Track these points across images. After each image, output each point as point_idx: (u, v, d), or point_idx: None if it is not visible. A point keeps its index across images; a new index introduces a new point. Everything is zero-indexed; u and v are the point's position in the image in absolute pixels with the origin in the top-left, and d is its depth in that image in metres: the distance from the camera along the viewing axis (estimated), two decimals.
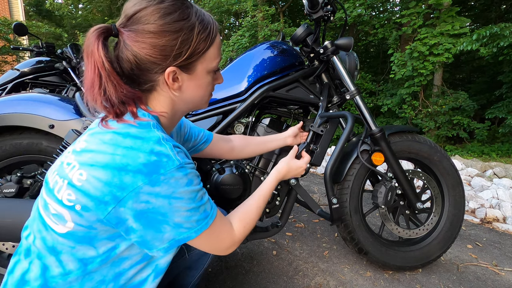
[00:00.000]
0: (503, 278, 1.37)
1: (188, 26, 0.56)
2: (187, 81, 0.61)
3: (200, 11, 0.60)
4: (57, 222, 0.53)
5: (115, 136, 0.53)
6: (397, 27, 6.34)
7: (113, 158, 0.51)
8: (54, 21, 17.76)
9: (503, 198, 2.28)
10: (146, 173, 0.50)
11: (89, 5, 15.80)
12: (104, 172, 0.50)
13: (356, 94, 1.25)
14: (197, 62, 0.60)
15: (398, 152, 1.30)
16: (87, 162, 0.52)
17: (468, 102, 5.52)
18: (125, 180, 0.50)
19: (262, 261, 1.44)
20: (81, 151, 0.54)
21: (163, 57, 0.56)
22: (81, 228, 0.52)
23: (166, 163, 0.52)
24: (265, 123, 1.28)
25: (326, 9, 1.19)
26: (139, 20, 0.54)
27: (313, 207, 1.21)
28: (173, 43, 0.55)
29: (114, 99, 0.54)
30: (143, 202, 0.51)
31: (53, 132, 1.10)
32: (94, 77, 0.53)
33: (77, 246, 0.53)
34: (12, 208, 0.90)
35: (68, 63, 2.47)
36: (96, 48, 0.52)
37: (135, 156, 0.51)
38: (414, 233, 1.35)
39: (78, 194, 0.51)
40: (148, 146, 0.52)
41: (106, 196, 0.50)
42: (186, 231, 0.56)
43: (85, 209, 0.51)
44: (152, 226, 0.53)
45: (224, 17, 10.14)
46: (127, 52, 0.55)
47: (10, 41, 7.72)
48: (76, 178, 0.51)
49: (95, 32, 0.53)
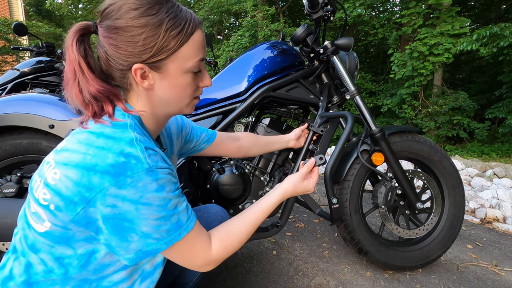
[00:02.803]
0: (503, 278, 1.37)
1: (155, 22, 0.54)
2: (159, 80, 0.58)
3: (176, 8, 0.57)
4: (37, 221, 0.53)
5: (90, 136, 0.53)
6: (397, 27, 6.35)
7: (85, 157, 0.50)
8: (54, 21, 17.77)
9: (503, 198, 2.28)
10: (113, 174, 0.49)
11: (89, 5, 15.80)
12: (75, 171, 0.49)
13: (356, 94, 1.25)
14: (167, 60, 0.57)
15: (398, 152, 1.30)
16: (61, 161, 0.51)
17: (468, 102, 5.53)
18: (93, 180, 0.48)
19: (262, 261, 1.44)
20: (60, 150, 0.54)
21: (128, 53, 0.54)
22: (57, 228, 0.52)
23: (134, 165, 0.50)
24: (265, 123, 1.28)
25: (326, 9, 1.19)
26: (108, 14, 0.54)
27: (313, 207, 1.21)
28: (137, 38, 0.53)
29: (87, 94, 0.54)
30: (109, 206, 0.49)
31: (53, 132, 1.09)
32: (68, 71, 0.54)
33: (55, 245, 0.53)
34: (12, 208, 0.90)
35: None
36: (70, 44, 0.53)
37: (104, 156, 0.49)
38: (414, 233, 1.35)
39: (52, 193, 0.51)
40: (118, 146, 0.51)
41: (75, 196, 0.49)
42: (155, 242, 0.53)
43: (58, 209, 0.50)
44: (118, 233, 0.51)
45: (224, 17, 10.14)
46: (100, 48, 0.56)
47: (10, 41, 7.72)
48: (50, 177, 0.51)
49: (73, 28, 0.54)
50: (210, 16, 9.96)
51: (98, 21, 0.56)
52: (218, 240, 0.64)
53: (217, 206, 0.94)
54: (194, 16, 0.59)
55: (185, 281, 0.90)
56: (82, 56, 0.53)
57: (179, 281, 0.90)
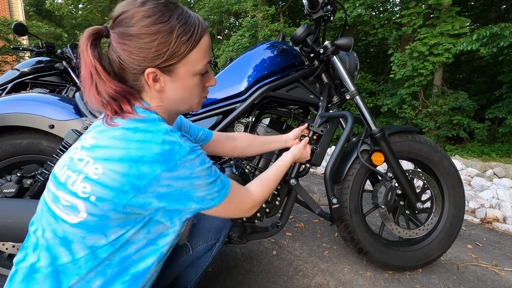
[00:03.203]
0: (503, 278, 1.37)
1: (167, 29, 0.57)
2: (169, 82, 0.63)
3: (185, 14, 0.60)
4: (69, 213, 0.56)
5: (125, 132, 0.57)
6: (397, 27, 6.35)
7: (128, 151, 0.54)
8: (54, 21, 17.77)
9: (503, 198, 2.28)
10: (162, 161, 0.55)
11: (89, 5, 15.80)
12: (121, 165, 0.54)
13: (356, 94, 1.25)
14: (178, 64, 0.61)
15: (398, 152, 1.30)
16: (101, 157, 0.55)
17: (468, 102, 5.52)
18: (142, 170, 0.54)
19: (262, 261, 1.44)
20: (92, 147, 0.57)
21: (142, 58, 0.58)
22: (93, 218, 0.56)
23: (178, 150, 0.56)
24: (265, 123, 1.28)
25: (326, 9, 1.19)
26: (121, 22, 0.57)
27: (313, 207, 1.21)
28: (150, 45, 0.57)
29: (105, 95, 0.57)
30: (165, 186, 0.56)
31: (53, 132, 1.10)
32: (85, 74, 0.57)
33: (88, 235, 0.56)
34: (12, 208, 0.90)
35: (68, 63, 2.47)
36: (85, 48, 0.56)
37: (149, 148, 0.55)
38: (414, 233, 1.35)
39: (95, 186, 0.54)
40: (159, 137, 0.56)
41: (125, 186, 0.54)
42: (210, 201, 0.62)
43: (100, 199, 0.54)
44: (178, 202, 0.58)
45: (224, 17, 10.14)
46: (113, 52, 0.59)
47: (10, 41, 7.72)
48: (92, 172, 0.55)
49: (86, 33, 0.57)
50: (210, 16, 9.96)
51: (110, 26, 0.59)
52: (256, 185, 0.77)
53: None
54: (201, 21, 0.63)
55: (185, 280, 0.91)
56: (97, 60, 0.57)
57: (178, 281, 0.91)
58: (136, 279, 0.62)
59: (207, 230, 0.90)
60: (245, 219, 1.21)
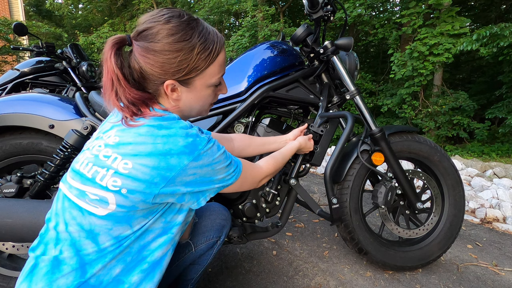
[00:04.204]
0: (503, 278, 1.37)
1: (189, 47, 0.62)
2: (185, 93, 0.68)
3: (205, 31, 0.65)
4: (98, 206, 0.60)
5: (150, 129, 0.61)
6: (397, 27, 6.35)
7: (156, 146, 0.59)
8: (54, 21, 17.77)
9: (503, 198, 2.28)
10: (188, 153, 0.61)
11: (89, 5, 15.79)
12: (150, 159, 0.58)
13: (356, 94, 1.25)
14: (195, 78, 0.67)
15: (398, 152, 1.30)
16: (129, 153, 0.59)
17: (468, 102, 5.52)
18: (171, 162, 0.59)
19: (262, 261, 1.44)
20: (118, 144, 0.61)
21: (163, 72, 0.63)
22: (122, 210, 0.60)
23: (200, 141, 0.63)
24: (265, 123, 1.28)
25: (326, 9, 1.19)
26: (146, 37, 0.62)
27: (313, 207, 1.21)
28: (173, 61, 0.62)
29: (125, 101, 0.62)
30: (191, 174, 0.62)
31: (53, 132, 1.09)
32: (107, 80, 0.61)
33: (114, 227, 0.60)
34: (12, 208, 0.90)
35: (68, 63, 2.47)
36: (109, 56, 0.60)
37: (175, 142, 0.60)
38: (414, 233, 1.35)
39: (126, 180, 0.58)
40: (182, 131, 0.62)
41: (155, 178, 0.59)
42: (228, 179, 0.70)
43: (132, 192, 0.59)
44: (202, 185, 0.66)
45: (224, 17, 10.14)
46: (135, 62, 0.63)
47: (10, 41, 7.71)
48: (122, 167, 0.59)
49: (111, 42, 0.61)
50: (210, 16, 9.96)
51: (133, 37, 0.63)
52: (264, 161, 0.88)
53: (218, 204, 1.00)
54: (219, 37, 0.68)
55: (187, 278, 0.94)
56: (119, 68, 0.61)
57: (180, 279, 0.93)
58: (154, 267, 0.66)
59: (208, 228, 0.93)
60: (245, 219, 1.21)
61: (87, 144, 0.71)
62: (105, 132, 0.66)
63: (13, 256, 1.19)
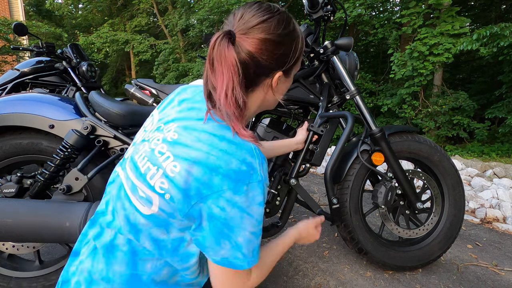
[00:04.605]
0: (503, 278, 1.37)
1: (298, 36, 0.63)
2: (281, 83, 0.67)
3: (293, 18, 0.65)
4: (144, 204, 0.57)
5: (211, 137, 0.56)
6: (397, 27, 6.34)
7: (208, 157, 0.54)
8: (54, 21, 17.77)
9: (503, 198, 2.28)
10: (233, 179, 0.53)
11: (89, 5, 15.80)
12: (197, 168, 0.53)
13: (356, 94, 1.25)
14: (294, 66, 0.66)
15: (398, 152, 1.30)
16: (181, 155, 0.55)
17: (468, 102, 5.52)
18: (213, 180, 0.53)
19: None
20: (174, 142, 0.57)
21: (279, 62, 0.61)
22: (163, 214, 0.56)
23: (251, 175, 0.54)
24: (265, 123, 1.28)
25: (326, 9, 1.19)
26: (260, 29, 0.58)
27: (313, 207, 1.21)
28: (288, 51, 0.61)
29: (241, 103, 0.56)
30: (220, 207, 0.53)
31: (53, 132, 1.09)
32: (229, 81, 0.55)
33: (154, 228, 0.57)
34: (12, 208, 0.90)
35: (68, 63, 2.47)
36: (228, 53, 0.55)
37: (228, 161, 0.54)
38: (414, 233, 1.35)
39: (170, 184, 0.54)
40: (241, 154, 0.55)
41: (191, 190, 0.53)
42: (242, 258, 0.56)
43: (172, 199, 0.54)
44: (216, 236, 0.55)
45: (224, 17, 10.12)
46: (246, 56, 0.58)
47: (10, 41, 7.71)
48: (170, 169, 0.55)
49: (225, 38, 0.56)
50: (210, 16, 9.96)
51: (242, 31, 0.58)
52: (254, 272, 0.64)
53: None
54: None
55: None
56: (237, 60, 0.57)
57: None
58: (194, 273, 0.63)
59: None
60: None
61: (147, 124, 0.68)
62: (166, 122, 0.62)
63: (13, 256, 1.19)
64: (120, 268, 0.58)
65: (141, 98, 2.01)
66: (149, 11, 15.01)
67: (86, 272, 0.59)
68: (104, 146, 1.14)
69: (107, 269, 0.58)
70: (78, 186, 1.05)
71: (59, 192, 1.03)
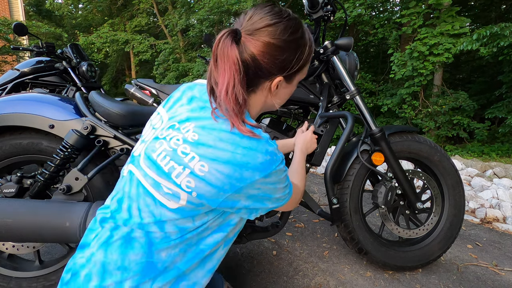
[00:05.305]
0: (503, 278, 1.37)
1: (304, 44, 0.65)
2: (282, 88, 0.69)
3: (306, 26, 0.66)
4: (170, 199, 0.61)
5: (232, 136, 0.60)
6: (397, 27, 6.35)
7: (234, 156, 0.58)
8: (54, 21, 17.77)
9: (503, 198, 2.28)
10: (262, 169, 0.60)
11: (89, 5, 15.80)
12: (226, 166, 0.58)
13: (356, 94, 1.25)
14: (297, 74, 0.68)
15: (398, 152, 1.30)
16: (208, 156, 0.59)
17: (468, 102, 5.52)
18: (244, 175, 0.59)
19: (262, 261, 1.44)
20: (196, 143, 0.60)
21: (280, 68, 0.63)
22: (191, 206, 0.60)
23: (276, 160, 0.62)
24: (265, 123, 1.28)
25: (326, 9, 1.19)
26: (266, 33, 0.60)
27: (313, 207, 1.21)
28: (291, 58, 0.63)
29: (241, 100, 0.60)
30: (256, 189, 0.62)
31: (53, 132, 1.09)
32: (230, 78, 0.59)
33: (181, 219, 0.61)
34: (12, 208, 0.90)
35: (68, 63, 2.47)
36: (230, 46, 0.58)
37: (254, 156, 0.60)
38: (414, 233, 1.35)
39: (200, 182, 0.59)
40: (263, 146, 0.61)
41: (225, 185, 0.59)
42: (282, 201, 0.69)
43: (200, 196, 0.59)
44: (260, 201, 0.64)
45: (224, 17, 10.12)
46: (248, 57, 0.61)
47: (10, 41, 7.72)
48: (198, 169, 0.59)
49: (229, 36, 0.59)
50: (210, 16, 9.96)
51: (248, 32, 0.61)
52: (295, 180, 0.85)
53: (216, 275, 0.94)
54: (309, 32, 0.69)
55: None
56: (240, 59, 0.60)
57: None
58: (206, 259, 0.68)
59: None
60: None
61: (155, 122, 0.70)
62: (181, 122, 0.64)
63: (13, 256, 1.19)
64: (136, 257, 0.60)
65: (141, 98, 2.00)
66: (149, 11, 15.01)
67: (99, 264, 0.60)
68: (104, 146, 1.14)
69: (122, 259, 0.60)
70: (78, 186, 1.05)
71: (59, 192, 1.03)
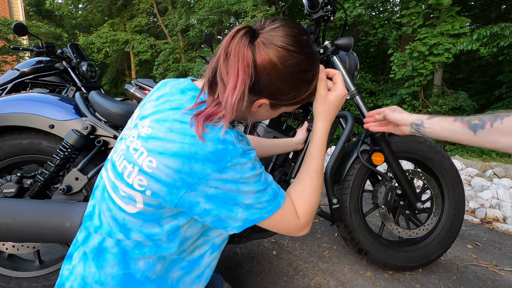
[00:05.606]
0: (503, 278, 1.37)
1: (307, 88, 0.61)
2: (265, 111, 0.63)
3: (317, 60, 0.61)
4: (127, 203, 0.56)
5: (182, 125, 0.54)
6: (397, 27, 6.35)
7: (182, 146, 0.52)
8: (54, 21, 17.78)
9: (503, 198, 2.28)
10: (213, 161, 0.52)
11: (89, 5, 15.81)
12: (174, 160, 0.52)
13: (356, 94, 1.25)
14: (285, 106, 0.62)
15: (398, 152, 1.30)
16: (156, 150, 0.53)
17: (468, 102, 5.53)
18: (194, 167, 0.52)
19: (262, 261, 1.44)
20: (148, 137, 0.55)
21: (272, 93, 0.58)
22: (151, 209, 0.55)
23: (232, 151, 0.53)
24: (265, 123, 1.28)
25: (326, 9, 1.19)
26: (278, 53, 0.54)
27: None
28: (288, 91, 0.58)
29: (243, 104, 0.54)
30: (213, 187, 0.53)
31: (53, 132, 1.09)
32: (241, 81, 0.53)
33: (145, 224, 0.57)
34: (12, 208, 0.90)
35: (68, 63, 2.48)
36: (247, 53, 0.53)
37: (202, 145, 0.52)
38: (414, 233, 1.35)
39: (150, 180, 0.53)
40: (215, 133, 0.53)
41: (177, 182, 0.52)
42: (258, 211, 0.57)
43: (155, 195, 0.54)
44: (224, 206, 0.55)
45: (224, 17, 10.14)
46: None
47: (10, 41, 7.72)
48: (146, 165, 0.53)
49: (247, 35, 0.54)
50: (210, 16, 9.97)
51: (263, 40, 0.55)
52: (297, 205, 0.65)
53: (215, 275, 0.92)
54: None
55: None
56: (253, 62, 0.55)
57: None
58: (191, 266, 0.64)
59: None
60: None
61: (129, 123, 0.66)
62: (142, 118, 0.60)
63: (13, 256, 1.19)
64: (112, 270, 0.57)
65: (141, 98, 2.01)
66: (149, 11, 15.02)
67: (79, 277, 0.59)
68: (104, 146, 1.14)
69: (99, 272, 0.58)
70: (78, 186, 1.05)
71: (59, 192, 1.03)
